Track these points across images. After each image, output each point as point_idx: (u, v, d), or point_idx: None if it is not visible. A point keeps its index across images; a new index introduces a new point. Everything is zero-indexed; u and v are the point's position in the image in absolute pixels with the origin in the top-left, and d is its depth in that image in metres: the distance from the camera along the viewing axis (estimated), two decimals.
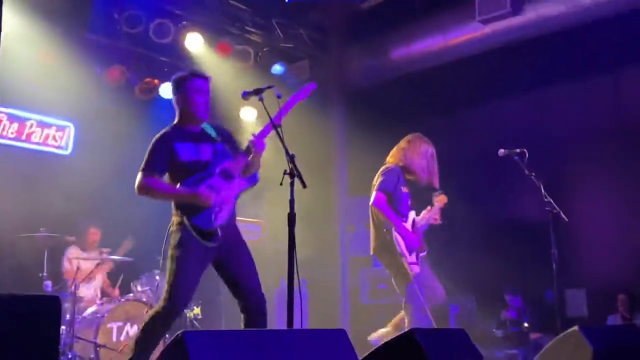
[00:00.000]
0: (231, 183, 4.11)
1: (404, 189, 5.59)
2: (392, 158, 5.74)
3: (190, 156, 4.12)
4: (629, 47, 7.42)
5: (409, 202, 5.63)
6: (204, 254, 4.04)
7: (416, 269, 5.40)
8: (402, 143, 5.78)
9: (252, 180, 4.23)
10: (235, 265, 4.13)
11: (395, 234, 5.36)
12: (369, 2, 8.71)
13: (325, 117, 8.87)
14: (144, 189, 4.09)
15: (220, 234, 4.02)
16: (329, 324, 8.26)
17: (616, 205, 7.73)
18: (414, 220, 5.59)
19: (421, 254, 5.56)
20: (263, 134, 4.10)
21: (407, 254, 5.36)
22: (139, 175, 4.12)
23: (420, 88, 8.80)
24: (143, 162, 4.15)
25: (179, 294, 3.93)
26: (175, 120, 4.31)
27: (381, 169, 5.65)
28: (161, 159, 4.11)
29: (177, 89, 4.26)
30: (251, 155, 4.12)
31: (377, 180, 5.56)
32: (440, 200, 5.71)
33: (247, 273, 4.12)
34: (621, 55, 7.56)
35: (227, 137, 4.33)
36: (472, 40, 7.94)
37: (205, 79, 4.30)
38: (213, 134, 4.26)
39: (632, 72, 7.71)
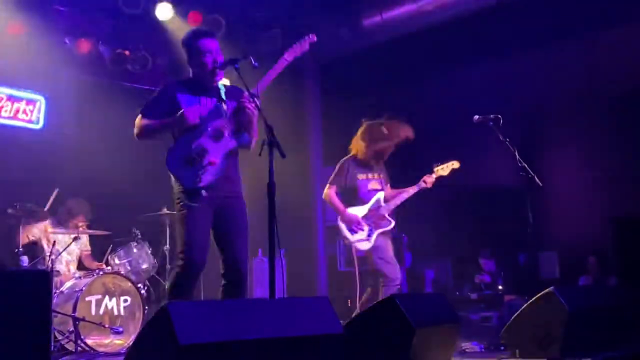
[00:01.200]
0: (220, 143, 4.07)
1: (361, 176, 5.92)
2: (351, 148, 6.05)
3: (188, 107, 4.08)
4: (599, 11, 7.47)
5: (371, 186, 5.94)
6: (200, 212, 4.02)
7: (364, 245, 5.73)
8: (358, 132, 6.05)
9: (241, 140, 4.17)
10: (223, 233, 4.11)
11: (339, 222, 5.81)
12: None
13: (299, 87, 8.84)
14: (138, 129, 4.14)
15: (205, 195, 3.99)
16: (307, 291, 8.34)
17: (586, 169, 7.87)
18: (378, 200, 5.86)
19: (379, 230, 5.77)
20: (256, 93, 4.05)
21: (349, 235, 5.75)
22: (137, 118, 4.16)
23: (393, 56, 8.80)
24: (143, 107, 4.18)
25: (190, 250, 3.96)
26: (189, 75, 4.31)
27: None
28: (160, 104, 4.14)
29: (185, 49, 4.25)
30: (244, 116, 4.09)
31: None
32: (427, 180, 6.05)
33: (232, 243, 4.10)
34: (592, 19, 7.62)
35: (237, 98, 4.18)
36: (445, 8, 7.92)
37: (211, 36, 4.26)
38: (222, 94, 4.21)
39: (603, 36, 7.79)
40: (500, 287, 7.59)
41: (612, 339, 4.35)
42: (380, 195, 5.89)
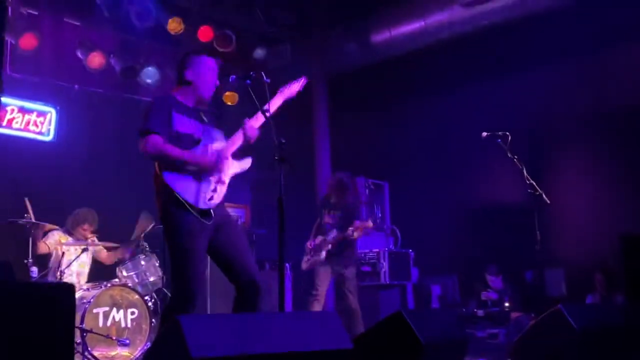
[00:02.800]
0: (224, 165, 4.00)
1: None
2: None
3: (185, 128, 3.95)
4: (609, 29, 7.50)
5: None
6: (202, 233, 3.83)
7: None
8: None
9: (245, 164, 4.13)
10: (229, 249, 3.95)
11: None
12: None
13: (307, 101, 8.89)
14: (156, 148, 3.77)
15: (213, 215, 3.86)
16: None
17: (593, 186, 7.87)
18: None
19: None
20: (256, 121, 4.04)
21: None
22: (149, 137, 3.79)
23: (402, 71, 8.85)
24: (147, 122, 3.83)
25: (195, 284, 3.75)
26: (173, 90, 4.14)
27: None
28: (162, 119, 3.87)
29: (190, 63, 4.09)
30: (243, 140, 4.06)
31: None
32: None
33: (241, 261, 3.95)
34: (602, 37, 7.65)
35: (213, 123, 4.20)
36: (453, 24, 7.99)
37: (215, 59, 4.22)
38: (203, 117, 4.13)
39: (613, 54, 7.81)
40: (507, 304, 7.57)
41: (620, 358, 4.34)
42: None
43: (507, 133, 5.51)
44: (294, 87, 4.37)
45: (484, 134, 5.63)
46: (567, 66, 8.04)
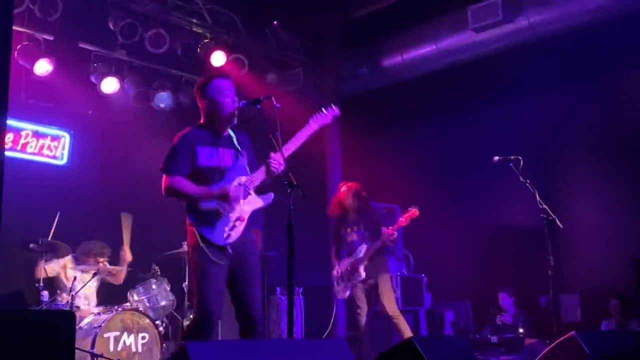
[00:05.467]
0: (246, 200, 4.00)
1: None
2: None
3: (208, 161, 3.98)
4: (620, 54, 7.50)
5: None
6: (219, 266, 3.91)
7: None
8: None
9: (267, 199, 4.09)
10: (240, 281, 3.99)
11: None
12: (361, 10, 8.77)
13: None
14: (171, 188, 3.95)
15: (231, 251, 3.90)
16: (323, 330, 8.27)
17: (607, 211, 7.79)
18: None
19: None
20: (284, 153, 4.01)
21: None
22: (164, 177, 3.99)
23: (413, 95, 8.86)
24: (165, 163, 4.00)
25: (208, 303, 3.84)
26: (200, 121, 4.16)
27: None
28: (183, 159, 3.97)
29: (201, 94, 4.12)
30: (268, 175, 4.02)
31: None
32: None
33: (247, 297, 3.98)
34: (612, 62, 7.64)
35: (247, 145, 4.20)
36: (465, 48, 8.01)
37: (227, 77, 4.20)
38: (236, 143, 4.12)
39: (624, 78, 7.79)
40: (521, 330, 7.47)
41: None
42: None
43: (519, 157, 5.48)
44: (327, 117, 4.41)
45: (496, 158, 5.59)
46: (580, 90, 8.03)
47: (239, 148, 4.10)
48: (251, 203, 4.03)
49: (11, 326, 1.92)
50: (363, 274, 6.29)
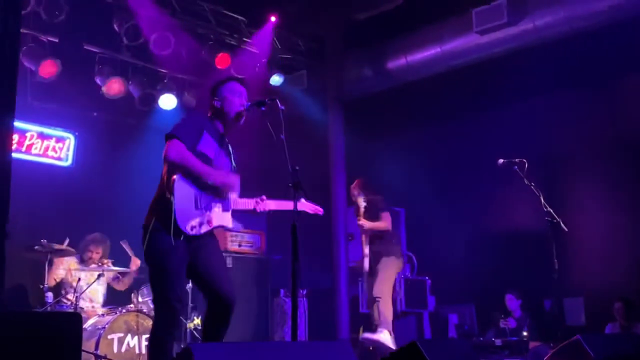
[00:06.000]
0: (223, 213, 4.03)
1: None
2: None
3: (206, 150, 4.01)
4: (625, 57, 7.48)
5: None
6: (179, 251, 3.85)
7: None
8: None
9: (236, 226, 4.23)
10: (206, 266, 3.95)
11: None
12: (365, 12, 8.77)
13: (323, 127, 8.90)
14: (181, 156, 3.85)
15: (188, 243, 3.88)
16: (327, 332, 8.27)
17: (612, 214, 7.78)
18: None
19: None
20: (277, 207, 4.10)
21: None
22: (173, 141, 3.88)
23: (417, 97, 8.85)
24: (175, 129, 3.94)
25: (171, 295, 3.78)
26: (208, 114, 4.20)
27: None
28: (191, 132, 3.96)
29: (214, 92, 4.17)
30: (250, 212, 4.12)
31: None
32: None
33: (218, 275, 3.95)
34: (617, 66, 7.62)
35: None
36: (469, 50, 7.99)
37: (241, 81, 4.25)
38: (232, 158, 4.20)
39: (629, 82, 7.78)
40: (525, 334, 7.45)
41: None
42: None
43: (524, 160, 5.48)
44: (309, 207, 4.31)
45: (501, 161, 5.59)
46: (585, 93, 8.01)
47: (234, 164, 4.18)
48: (223, 218, 4.04)
49: (18, 328, 1.92)
50: (366, 267, 6.54)
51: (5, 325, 1.92)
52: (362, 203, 6.65)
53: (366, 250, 6.53)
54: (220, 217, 4.02)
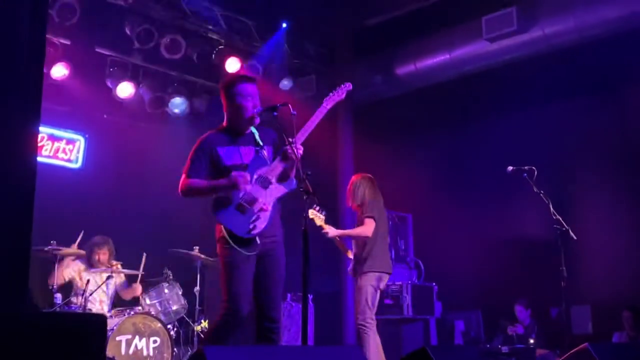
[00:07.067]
0: (268, 190, 4.05)
1: None
2: None
3: (232, 160, 4.09)
4: (635, 66, 7.49)
5: None
6: (248, 261, 3.97)
7: None
8: None
9: (289, 185, 4.13)
10: (264, 279, 4.04)
11: None
12: (375, 18, 8.79)
13: (332, 132, 8.92)
14: (184, 189, 4.09)
15: (259, 242, 3.97)
16: (333, 337, 8.28)
17: (620, 222, 7.77)
18: None
19: None
20: (299, 139, 4.06)
21: None
22: (182, 178, 4.12)
23: (426, 104, 8.87)
24: (185, 166, 4.14)
25: (236, 301, 3.90)
26: (223, 124, 4.27)
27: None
28: (202, 164, 4.10)
29: (224, 95, 4.22)
30: (287, 162, 4.06)
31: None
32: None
33: (270, 291, 4.04)
34: (627, 74, 7.63)
35: (272, 141, 4.26)
36: (478, 57, 8.02)
37: (252, 81, 4.27)
38: (258, 139, 4.19)
39: (638, 90, 7.78)
40: (532, 341, 7.45)
41: None
42: None
43: (533, 167, 5.48)
44: (340, 93, 4.52)
45: (510, 168, 5.59)
46: (594, 101, 8.02)
47: (261, 143, 4.18)
48: (273, 192, 4.07)
49: (46, 328, 1.94)
50: (350, 271, 5.81)
51: (34, 325, 1.93)
52: (321, 216, 5.62)
53: (350, 255, 5.98)
54: (270, 195, 4.05)
